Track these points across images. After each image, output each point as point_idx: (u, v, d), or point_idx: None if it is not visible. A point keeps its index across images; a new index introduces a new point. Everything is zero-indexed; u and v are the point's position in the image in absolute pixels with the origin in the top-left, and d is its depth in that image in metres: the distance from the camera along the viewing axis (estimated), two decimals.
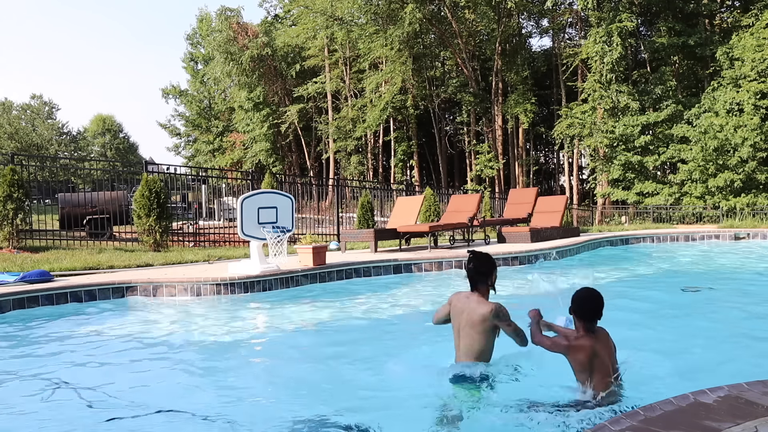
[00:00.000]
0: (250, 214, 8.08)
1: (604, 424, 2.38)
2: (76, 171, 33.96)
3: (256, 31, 38.71)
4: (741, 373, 3.85)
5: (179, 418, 3.59)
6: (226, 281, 7.63)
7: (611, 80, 24.83)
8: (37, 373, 4.57)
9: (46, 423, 3.55)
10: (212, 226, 18.04)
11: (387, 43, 30.11)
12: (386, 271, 9.20)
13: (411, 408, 3.60)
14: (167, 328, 6.03)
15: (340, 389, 4.11)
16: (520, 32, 33.25)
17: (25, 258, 9.95)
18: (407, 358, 4.56)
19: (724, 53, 23.25)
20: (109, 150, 67.08)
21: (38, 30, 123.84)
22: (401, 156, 38.04)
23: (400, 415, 3.54)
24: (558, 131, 27.73)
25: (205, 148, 52.57)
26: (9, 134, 59.73)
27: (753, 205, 21.03)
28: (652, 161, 24.37)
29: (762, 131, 21.15)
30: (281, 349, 5.39)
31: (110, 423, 3.52)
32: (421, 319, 6.35)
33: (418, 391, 3.74)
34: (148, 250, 11.78)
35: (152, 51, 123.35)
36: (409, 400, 3.72)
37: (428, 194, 14.99)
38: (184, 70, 54.43)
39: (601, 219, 25.99)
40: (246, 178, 18.60)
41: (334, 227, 15.90)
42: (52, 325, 6.21)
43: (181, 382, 4.31)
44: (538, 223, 13.20)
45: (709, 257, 11.62)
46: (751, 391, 2.68)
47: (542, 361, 3.69)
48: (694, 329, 5.43)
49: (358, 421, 3.38)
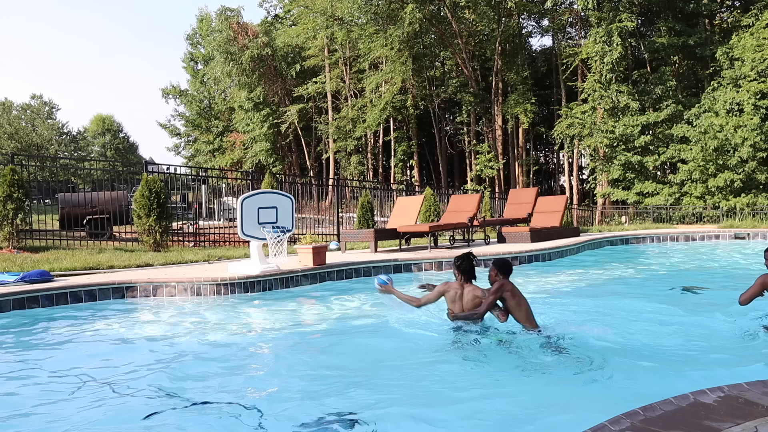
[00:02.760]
0: (250, 214, 8.08)
1: (604, 424, 2.38)
2: (76, 171, 33.95)
3: (256, 31, 38.70)
4: (741, 373, 3.85)
5: (180, 418, 3.59)
6: (226, 281, 7.63)
7: (611, 80, 24.84)
8: (37, 373, 4.57)
9: (46, 423, 3.56)
10: (212, 226, 18.04)
11: (387, 43, 30.11)
12: (386, 272, 9.20)
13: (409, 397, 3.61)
14: (167, 328, 6.03)
15: (340, 389, 4.11)
16: (520, 32, 33.24)
17: (25, 258, 9.95)
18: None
19: (724, 53, 23.26)
20: (109, 150, 67.08)
21: (38, 30, 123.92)
22: (401, 156, 38.04)
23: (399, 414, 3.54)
24: (558, 131, 27.74)
25: (205, 148, 52.57)
26: (9, 134, 59.72)
27: (753, 205, 21.03)
28: (652, 161, 24.37)
29: (762, 131, 21.15)
30: (281, 348, 5.39)
31: (110, 423, 3.53)
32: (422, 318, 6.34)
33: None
34: (148, 250, 11.78)
35: (152, 51, 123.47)
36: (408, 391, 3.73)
37: (428, 194, 14.99)
38: (184, 70, 54.49)
39: (601, 219, 26.00)
40: (246, 178, 18.60)
41: (334, 227, 15.90)
42: (52, 325, 6.21)
43: (181, 382, 4.31)
44: (538, 223, 13.20)
45: (709, 257, 11.62)
46: (751, 391, 2.68)
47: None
48: (693, 329, 5.43)
49: (359, 419, 3.38)
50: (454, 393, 3.91)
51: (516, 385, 4.04)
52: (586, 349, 4.63)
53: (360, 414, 3.53)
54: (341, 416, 3.51)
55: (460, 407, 3.64)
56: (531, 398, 3.76)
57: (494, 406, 3.68)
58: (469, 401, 3.75)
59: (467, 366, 4.45)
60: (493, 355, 4.65)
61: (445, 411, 3.59)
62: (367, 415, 3.51)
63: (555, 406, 3.62)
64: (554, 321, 5.40)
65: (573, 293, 7.65)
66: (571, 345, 4.72)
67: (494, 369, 4.41)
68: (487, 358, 4.61)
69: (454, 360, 4.61)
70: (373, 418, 3.44)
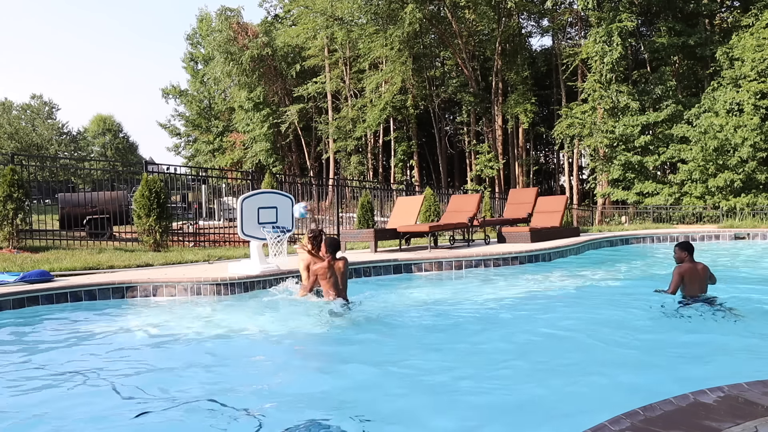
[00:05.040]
0: (250, 214, 8.07)
1: (604, 424, 2.38)
2: (76, 171, 33.97)
3: (256, 31, 38.71)
4: (741, 373, 3.85)
5: (179, 418, 3.59)
6: (226, 281, 7.63)
7: (611, 80, 24.83)
8: (37, 373, 4.57)
9: (45, 422, 3.55)
10: (212, 226, 18.04)
11: (387, 43, 30.11)
12: (386, 271, 9.20)
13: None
14: (167, 328, 6.03)
15: (339, 389, 4.11)
16: (520, 32, 33.24)
17: (25, 258, 9.95)
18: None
19: (724, 53, 23.26)
20: (109, 150, 67.09)
21: (38, 30, 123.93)
22: (401, 156, 38.04)
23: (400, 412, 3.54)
24: (558, 131, 27.73)
25: (205, 148, 52.57)
26: (9, 134, 59.73)
27: (753, 205, 21.03)
28: (652, 161, 24.37)
29: (762, 131, 21.15)
30: (281, 348, 5.39)
31: (110, 423, 3.53)
32: (421, 319, 6.34)
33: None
34: (148, 250, 11.77)
35: (152, 51, 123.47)
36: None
37: (428, 194, 14.98)
38: (184, 70, 54.50)
39: (601, 219, 26.00)
40: (246, 178, 18.60)
41: (334, 227, 15.90)
42: (52, 325, 6.21)
43: (181, 382, 4.31)
44: (538, 223, 13.19)
45: (708, 256, 11.59)
46: (751, 391, 2.68)
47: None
48: (692, 329, 5.42)
49: (359, 419, 3.39)
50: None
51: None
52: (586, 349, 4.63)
53: (360, 414, 3.54)
54: (341, 416, 3.52)
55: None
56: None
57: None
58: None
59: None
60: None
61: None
62: (367, 415, 3.51)
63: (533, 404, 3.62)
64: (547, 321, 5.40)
65: (573, 293, 7.64)
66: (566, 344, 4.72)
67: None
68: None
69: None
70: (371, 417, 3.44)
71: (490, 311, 6.61)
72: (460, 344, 5.22)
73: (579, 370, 4.34)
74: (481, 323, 6.09)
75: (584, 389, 3.90)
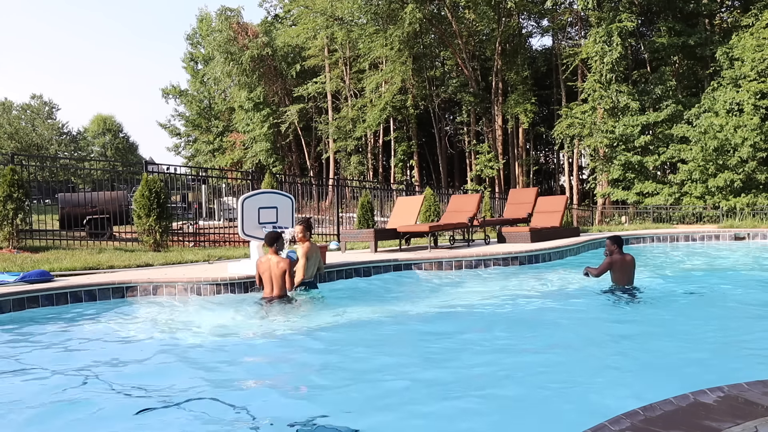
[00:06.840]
0: (251, 214, 8.07)
1: (604, 424, 2.38)
2: (76, 171, 33.96)
3: (256, 31, 38.71)
4: (740, 373, 3.85)
5: (179, 417, 3.59)
6: (226, 281, 7.63)
7: (611, 80, 24.84)
8: (37, 373, 4.57)
9: (45, 421, 3.56)
10: (212, 226, 18.03)
11: (387, 43, 30.11)
12: (386, 271, 9.20)
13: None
14: (167, 328, 6.03)
15: (339, 388, 4.11)
16: (520, 32, 33.25)
17: (25, 258, 9.94)
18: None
19: (724, 53, 23.26)
20: (109, 150, 67.09)
21: (38, 30, 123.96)
22: (401, 156, 38.04)
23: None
24: (558, 131, 27.74)
25: (205, 148, 52.57)
26: (9, 134, 59.76)
27: (753, 205, 21.03)
28: (652, 161, 24.37)
29: (762, 131, 21.15)
30: (281, 348, 5.39)
31: (110, 423, 3.53)
32: (421, 319, 6.35)
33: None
34: (148, 250, 11.77)
35: (152, 51, 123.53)
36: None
37: (428, 194, 14.98)
38: (184, 70, 54.52)
39: (601, 219, 26.00)
40: (246, 178, 18.60)
41: (334, 227, 15.90)
42: (52, 326, 6.20)
43: (181, 382, 4.31)
44: (538, 223, 13.19)
45: (708, 257, 11.61)
46: (751, 391, 2.68)
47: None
48: (692, 329, 5.43)
49: (360, 419, 3.39)
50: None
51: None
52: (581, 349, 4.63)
53: (359, 414, 3.54)
54: (341, 417, 3.51)
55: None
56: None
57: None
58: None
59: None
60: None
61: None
62: (367, 416, 3.51)
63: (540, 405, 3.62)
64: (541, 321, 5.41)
65: (573, 293, 7.64)
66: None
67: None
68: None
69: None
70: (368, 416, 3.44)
71: (491, 311, 6.61)
72: (459, 344, 5.22)
73: (579, 370, 4.35)
74: (481, 323, 6.09)
75: (584, 389, 3.90)
